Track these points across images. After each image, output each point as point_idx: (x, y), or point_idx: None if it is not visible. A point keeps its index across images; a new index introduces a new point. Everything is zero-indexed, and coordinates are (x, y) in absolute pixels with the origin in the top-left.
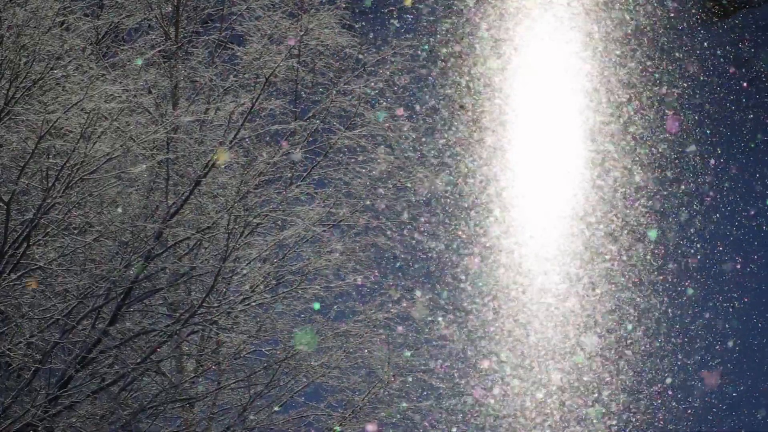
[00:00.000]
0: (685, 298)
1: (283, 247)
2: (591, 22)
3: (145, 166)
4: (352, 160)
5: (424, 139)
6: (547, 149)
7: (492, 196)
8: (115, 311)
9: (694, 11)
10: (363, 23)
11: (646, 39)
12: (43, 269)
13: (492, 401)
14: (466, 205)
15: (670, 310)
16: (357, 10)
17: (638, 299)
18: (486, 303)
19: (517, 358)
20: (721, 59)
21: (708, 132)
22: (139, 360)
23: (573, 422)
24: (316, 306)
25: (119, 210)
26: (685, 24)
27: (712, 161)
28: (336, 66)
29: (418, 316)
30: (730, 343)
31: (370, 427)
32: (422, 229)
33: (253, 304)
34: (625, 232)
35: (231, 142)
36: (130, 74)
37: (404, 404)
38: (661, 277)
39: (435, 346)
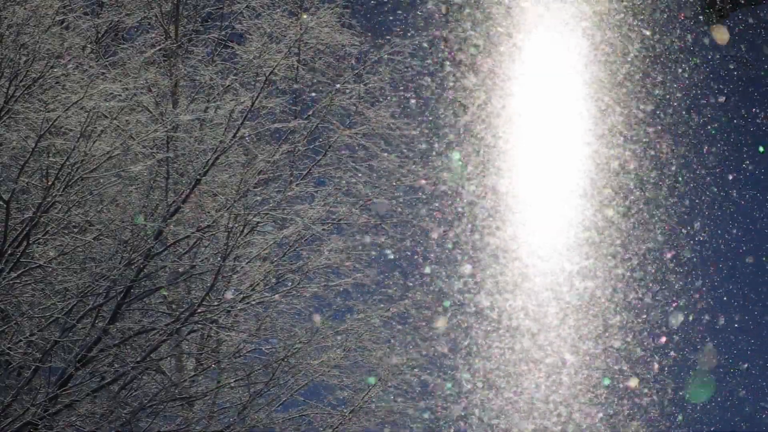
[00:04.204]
0: (685, 299)
1: (283, 245)
2: (591, 22)
3: (145, 164)
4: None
5: (424, 138)
6: (548, 148)
7: (493, 196)
8: (115, 310)
9: (693, 11)
10: (363, 21)
11: (645, 38)
12: (43, 268)
13: (493, 400)
14: (467, 204)
15: (668, 310)
16: (357, 8)
17: (634, 299)
18: (487, 301)
19: (520, 357)
20: (721, 59)
21: (711, 133)
22: (139, 359)
23: (577, 422)
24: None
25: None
26: (684, 24)
27: (719, 168)
28: (336, 64)
29: (415, 313)
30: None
31: None
32: (422, 227)
33: (253, 302)
34: (626, 233)
35: (231, 140)
36: (130, 73)
37: (402, 404)
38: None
39: (434, 345)
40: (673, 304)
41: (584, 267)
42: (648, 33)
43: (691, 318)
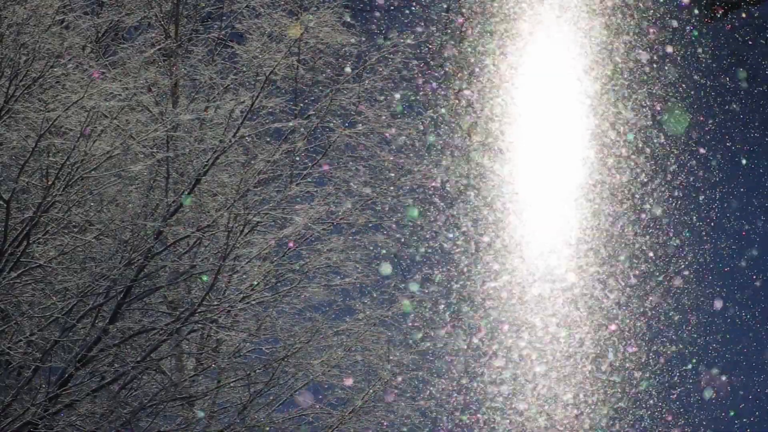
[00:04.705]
0: (684, 299)
1: (283, 245)
2: (593, 22)
3: (145, 164)
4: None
5: (423, 137)
6: (548, 148)
7: (493, 195)
8: (115, 309)
9: (692, 11)
10: (363, 21)
11: (646, 39)
12: (43, 267)
13: (494, 399)
14: (467, 203)
15: (668, 309)
16: (356, 8)
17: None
18: (488, 301)
19: (521, 357)
20: (720, 58)
21: (710, 131)
22: (139, 358)
23: (579, 422)
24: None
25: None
26: (683, 23)
27: (714, 162)
28: (336, 64)
29: (415, 313)
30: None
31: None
32: (422, 226)
33: (253, 302)
34: (626, 236)
35: (231, 140)
36: (130, 72)
37: (402, 403)
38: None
39: (434, 344)
40: (678, 305)
41: (584, 266)
42: (649, 33)
43: (696, 317)
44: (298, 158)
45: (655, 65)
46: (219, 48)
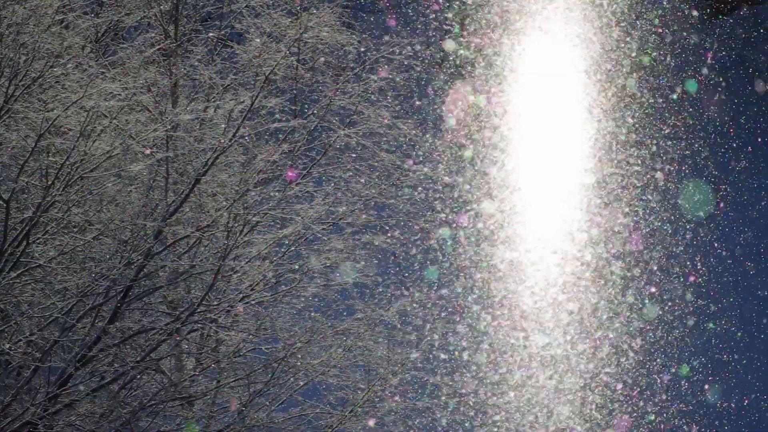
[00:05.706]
0: (683, 301)
1: (283, 245)
2: (591, 22)
3: (144, 164)
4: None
5: (422, 135)
6: (548, 148)
7: (491, 194)
8: (115, 309)
9: (692, 10)
10: (362, 21)
11: (645, 38)
12: (43, 267)
13: (493, 399)
14: (467, 203)
15: (667, 308)
16: (356, 8)
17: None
18: (486, 300)
19: (521, 357)
20: (721, 58)
21: (710, 132)
22: (138, 358)
23: (575, 419)
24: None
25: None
26: (684, 23)
27: (712, 163)
28: (336, 64)
29: (415, 313)
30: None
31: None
32: (422, 226)
33: (253, 302)
34: (625, 235)
35: (230, 140)
36: (129, 72)
37: (403, 402)
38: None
39: (434, 345)
40: (678, 306)
41: (583, 267)
42: (650, 33)
43: (695, 320)
44: (298, 158)
45: (655, 63)
46: (219, 48)
